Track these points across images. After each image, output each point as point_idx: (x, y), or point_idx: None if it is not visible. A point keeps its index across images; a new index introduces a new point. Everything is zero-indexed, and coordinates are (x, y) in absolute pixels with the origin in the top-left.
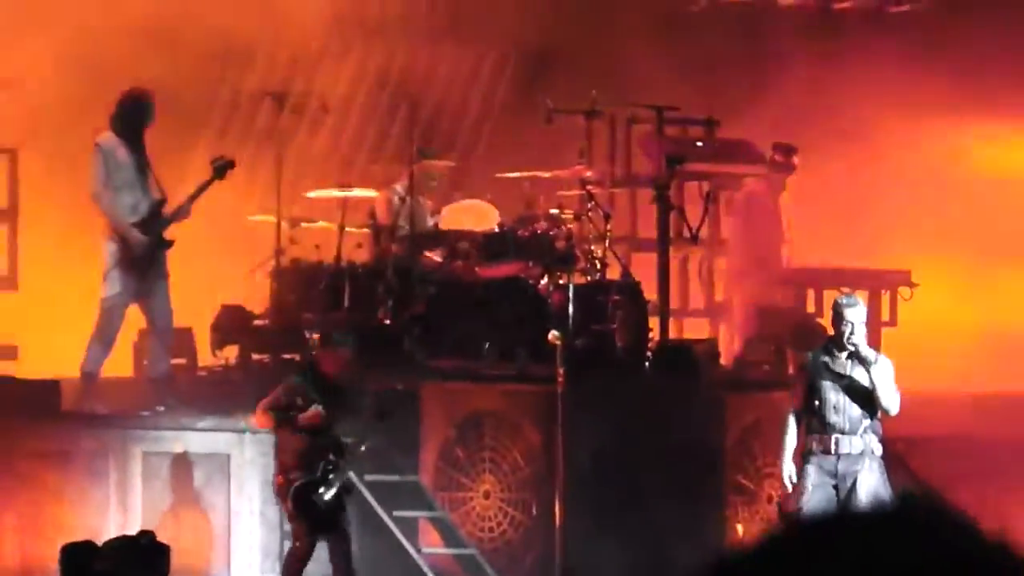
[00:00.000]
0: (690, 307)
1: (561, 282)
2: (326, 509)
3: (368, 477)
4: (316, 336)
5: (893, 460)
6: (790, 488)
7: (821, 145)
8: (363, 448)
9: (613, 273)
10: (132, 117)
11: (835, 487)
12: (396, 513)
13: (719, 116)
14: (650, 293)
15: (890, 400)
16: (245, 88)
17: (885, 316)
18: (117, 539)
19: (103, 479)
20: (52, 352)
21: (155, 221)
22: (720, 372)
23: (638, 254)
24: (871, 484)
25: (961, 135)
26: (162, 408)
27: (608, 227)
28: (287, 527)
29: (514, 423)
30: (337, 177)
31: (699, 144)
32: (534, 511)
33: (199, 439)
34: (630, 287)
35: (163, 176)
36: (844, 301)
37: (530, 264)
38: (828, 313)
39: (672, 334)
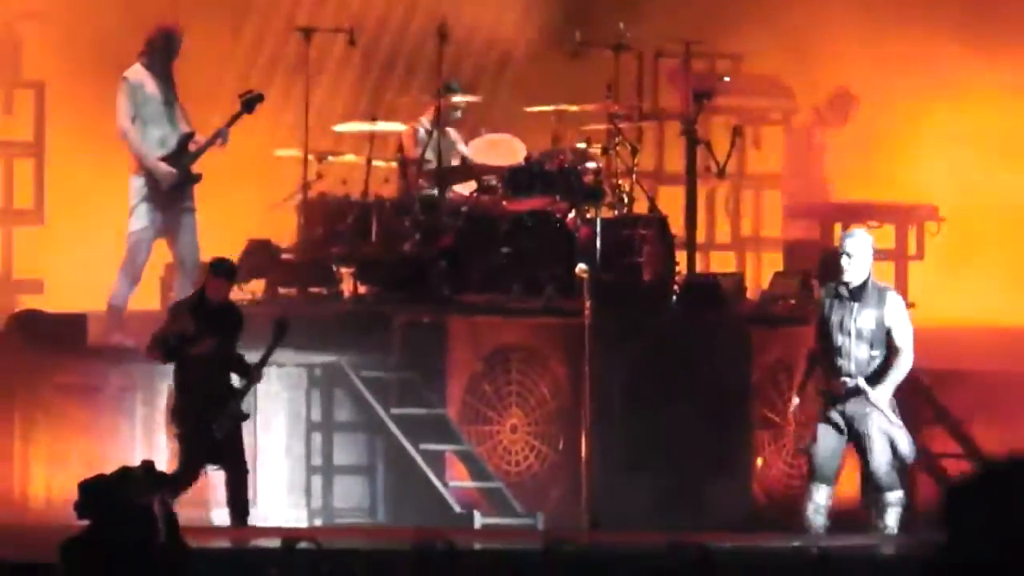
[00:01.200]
0: (717, 241)
1: (588, 216)
2: (222, 437)
3: (394, 410)
4: (344, 270)
5: (920, 393)
6: (793, 421)
7: (848, 80)
8: (263, 372)
9: (640, 207)
10: (161, 51)
11: (846, 428)
12: (423, 446)
13: (746, 50)
14: (677, 227)
15: (904, 340)
16: (272, 22)
17: (912, 250)
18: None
19: (130, 413)
20: (78, 286)
21: (183, 155)
22: (747, 306)
23: (665, 188)
24: (882, 425)
25: (990, 70)
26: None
27: (635, 161)
28: (315, 462)
29: (541, 357)
30: (365, 111)
31: (726, 79)
32: (560, 445)
33: None
34: (657, 221)
35: (191, 110)
36: (845, 234)
37: (557, 198)
38: None
39: (699, 268)
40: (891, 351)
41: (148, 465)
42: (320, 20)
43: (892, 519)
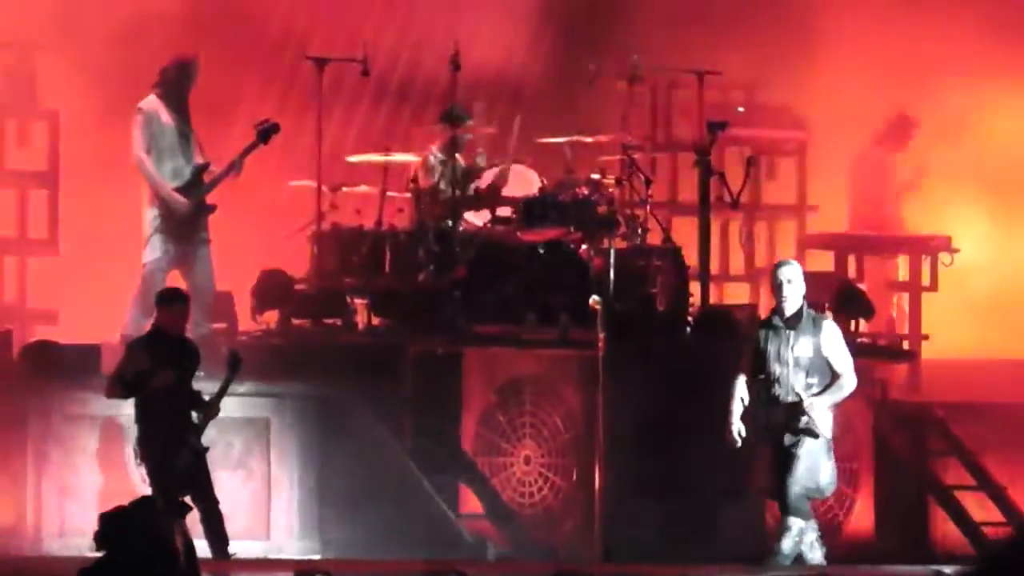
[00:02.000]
0: (730, 272)
1: (602, 247)
2: (183, 470)
3: (408, 442)
4: (358, 301)
5: (934, 425)
6: (739, 442)
7: (863, 109)
8: (220, 407)
9: (654, 238)
10: (176, 82)
11: (782, 456)
12: (436, 478)
13: (760, 81)
14: (691, 258)
15: (843, 365)
16: (285, 52)
17: (926, 281)
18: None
19: None
20: (92, 317)
21: (197, 186)
22: None
23: (679, 219)
24: (812, 450)
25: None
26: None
27: (649, 192)
28: (327, 493)
29: (555, 388)
30: (378, 141)
31: (740, 109)
32: (574, 476)
33: (239, 404)
34: (671, 252)
35: (203, 141)
36: (779, 262)
37: (571, 229)
38: (867, 279)
39: (712, 299)
40: (833, 376)
41: (166, 495)
42: (333, 50)
43: (788, 546)
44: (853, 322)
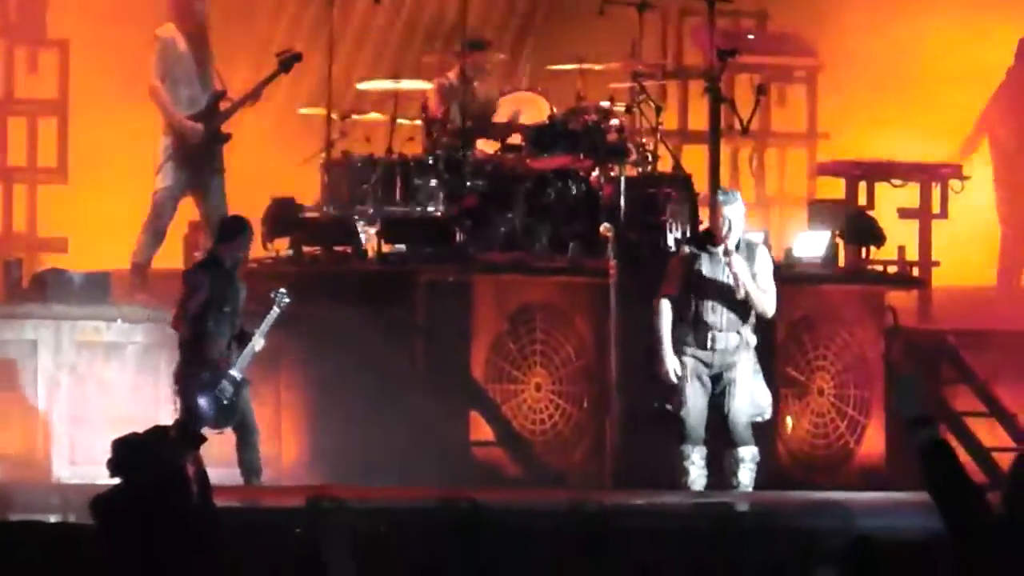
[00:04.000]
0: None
1: (612, 174)
2: (228, 402)
3: (418, 369)
4: (369, 229)
5: (945, 353)
6: (675, 381)
7: (875, 37)
8: (264, 340)
9: (664, 166)
10: (187, 10)
11: (711, 382)
12: (448, 405)
13: (771, 8)
14: (701, 185)
15: (763, 303)
16: None
17: (936, 209)
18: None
19: (154, 372)
20: (102, 244)
21: (212, 114)
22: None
23: (689, 146)
24: (746, 377)
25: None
26: None
27: (659, 120)
28: (338, 420)
29: (566, 316)
30: (388, 69)
31: (750, 36)
32: (585, 404)
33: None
34: (681, 180)
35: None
36: (722, 197)
37: (581, 156)
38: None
39: None
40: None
41: (181, 424)
42: None
43: (746, 476)
44: (864, 249)
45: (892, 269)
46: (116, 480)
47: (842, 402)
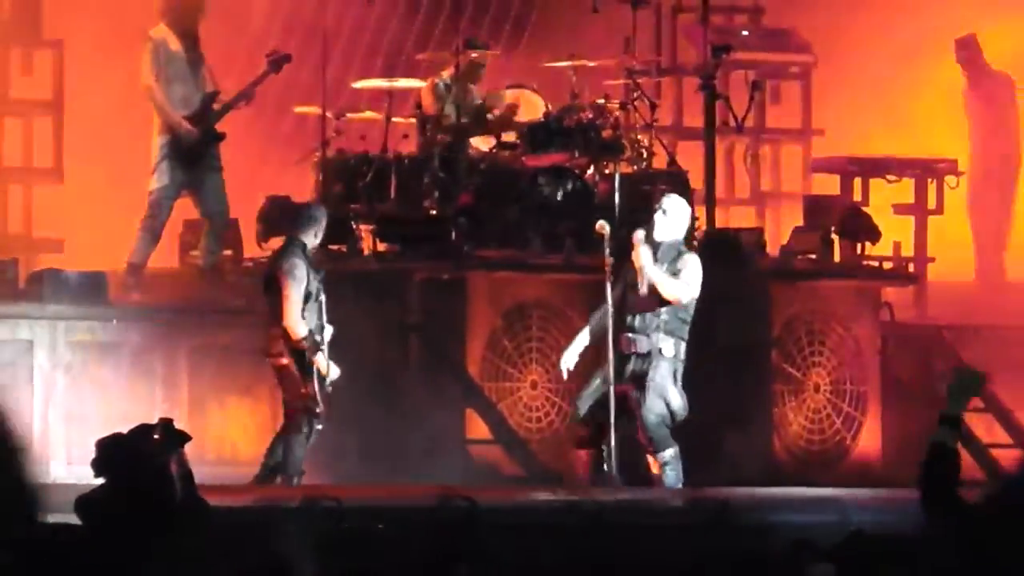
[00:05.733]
0: (736, 196)
1: (607, 171)
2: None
3: (413, 367)
4: (363, 227)
5: (941, 348)
6: (565, 376)
7: (869, 32)
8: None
9: (659, 162)
10: (184, 10)
11: (630, 386)
12: (443, 403)
13: (764, 4)
14: (696, 182)
15: (669, 288)
16: None
17: (932, 204)
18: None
19: (149, 372)
20: (98, 245)
21: (207, 113)
22: (766, 261)
23: (684, 143)
24: (658, 382)
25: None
26: None
27: (654, 116)
28: (335, 420)
29: (561, 313)
30: (383, 67)
31: (744, 33)
32: None
33: (245, 331)
34: (676, 176)
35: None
36: (663, 192)
37: (576, 153)
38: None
39: (718, 223)
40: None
41: (166, 423)
42: None
43: (673, 478)
44: (859, 245)
45: (887, 265)
46: (101, 480)
47: (838, 398)
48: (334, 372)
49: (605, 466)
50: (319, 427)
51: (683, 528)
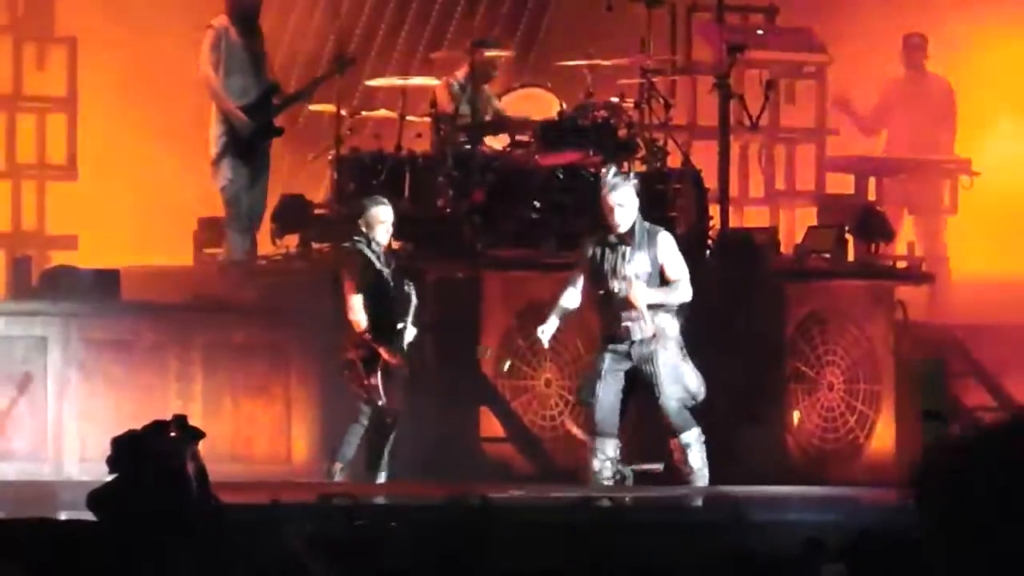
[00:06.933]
0: (750, 195)
1: (622, 171)
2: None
3: (428, 366)
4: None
5: (954, 347)
6: (545, 343)
7: (884, 32)
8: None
9: (674, 161)
10: (246, 1)
11: (632, 375)
12: (458, 401)
13: (779, 4)
14: (710, 181)
15: (677, 298)
16: None
17: (946, 203)
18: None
19: (163, 368)
20: (111, 242)
21: (264, 106)
22: (781, 260)
23: (698, 142)
24: (669, 362)
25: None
26: None
27: (668, 115)
28: (349, 417)
29: (575, 311)
30: (397, 65)
31: (759, 32)
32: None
33: (260, 329)
34: (691, 175)
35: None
36: (609, 181)
37: (591, 153)
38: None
39: (732, 222)
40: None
41: (181, 420)
42: None
43: (696, 459)
44: (873, 245)
45: (902, 264)
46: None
47: (852, 397)
48: (410, 333)
49: (619, 465)
50: (389, 421)
51: (696, 526)
